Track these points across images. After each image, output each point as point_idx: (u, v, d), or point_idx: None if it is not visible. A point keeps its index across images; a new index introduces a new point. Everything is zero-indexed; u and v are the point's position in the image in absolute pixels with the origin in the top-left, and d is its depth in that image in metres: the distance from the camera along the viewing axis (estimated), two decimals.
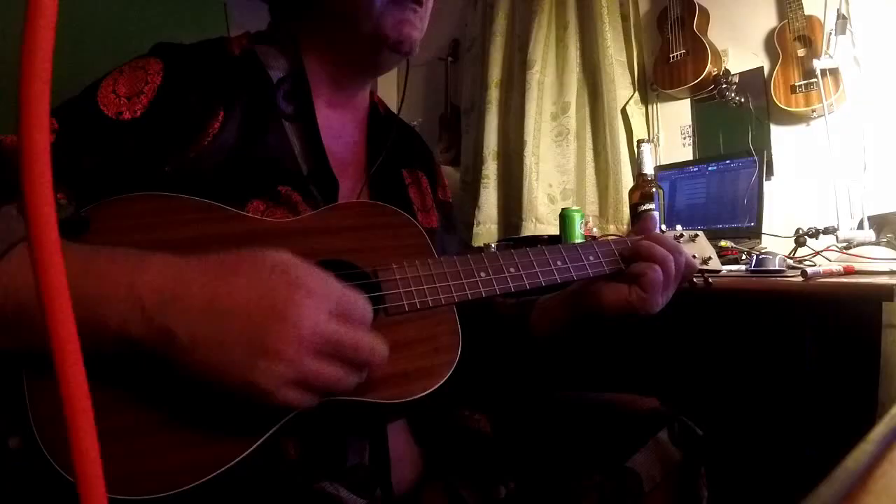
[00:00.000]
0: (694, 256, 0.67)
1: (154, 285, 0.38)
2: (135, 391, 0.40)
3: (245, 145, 0.57)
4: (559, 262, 0.59)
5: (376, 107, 0.75)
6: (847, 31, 1.37)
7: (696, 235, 0.71)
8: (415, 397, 0.47)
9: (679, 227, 0.72)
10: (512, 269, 0.56)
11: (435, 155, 0.90)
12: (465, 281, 0.53)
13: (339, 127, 0.67)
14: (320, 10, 0.63)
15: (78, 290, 0.38)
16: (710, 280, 0.69)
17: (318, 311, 0.39)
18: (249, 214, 0.52)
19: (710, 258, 0.69)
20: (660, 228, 1.18)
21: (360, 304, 0.42)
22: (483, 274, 0.54)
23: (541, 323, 0.69)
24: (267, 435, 0.41)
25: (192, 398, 0.40)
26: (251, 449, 0.40)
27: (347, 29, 0.62)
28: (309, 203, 0.58)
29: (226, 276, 0.39)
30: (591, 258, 0.61)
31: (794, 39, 1.50)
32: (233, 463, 0.40)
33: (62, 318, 0.13)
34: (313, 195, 0.59)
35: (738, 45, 1.67)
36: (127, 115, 0.53)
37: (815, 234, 1.14)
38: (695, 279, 0.67)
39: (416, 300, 0.50)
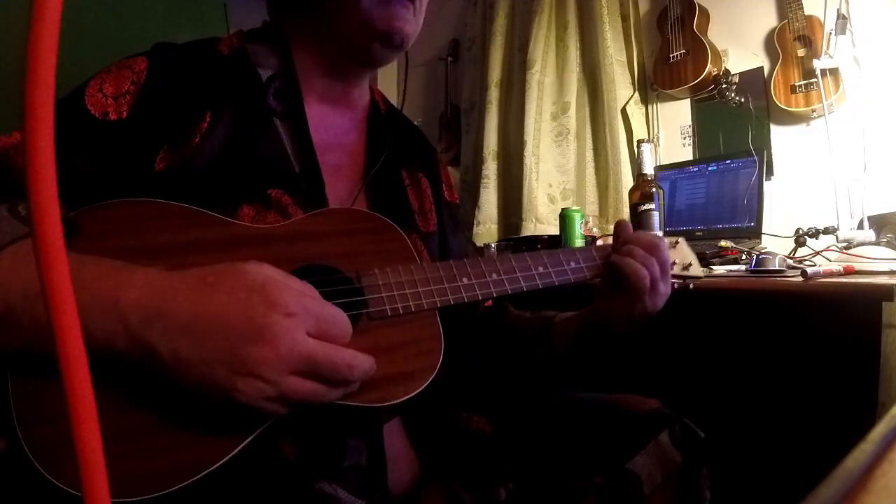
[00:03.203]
0: (674, 263, 0.68)
1: (138, 303, 0.39)
2: (119, 396, 0.40)
3: (234, 147, 0.57)
4: (541, 268, 0.61)
5: (377, 105, 0.74)
6: (847, 31, 1.37)
7: (677, 242, 0.72)
8: (395, 402, 0.47)
9: (660, 233, 0.73)
10: (494, 275, 0.57)
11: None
12: (447, 286, 0.54)
13: (334, 125, 0.67)
14: (311, 11, 0.63)
15: None
16: (692, 286, 0.70)
17: (296, 331, 0.39)
18: (234, 220, 0.52)
19: (690, 264, 0.70)
20: (658, 230, 1.18)
21: (339, 320, 0.42)
22: (465, 279, 0.55)
23: (560, 345, 0.70)
24: (249, 440, 0.42)
25: (176, 404, 0.41)
26: (234, 452, 0.41)
27: (337, 21, 0.62)
28: (299, 205, 0.57)
29: (206, 292, 0.40)
30: (573, 263, 0.63)
31: (794, 39, 1.50)
32: (216, 465, 0.40)
33: (67, 319, 0.13)
34: (305, 195, 0.59)
35: (738, 45, 1.67)
36: (113, 116, 0.53)
37: (815, 234, 1.14)
38: (675, 285, 0.68)
39: (399, 305, 0.51)
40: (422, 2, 0.64)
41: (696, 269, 0.70)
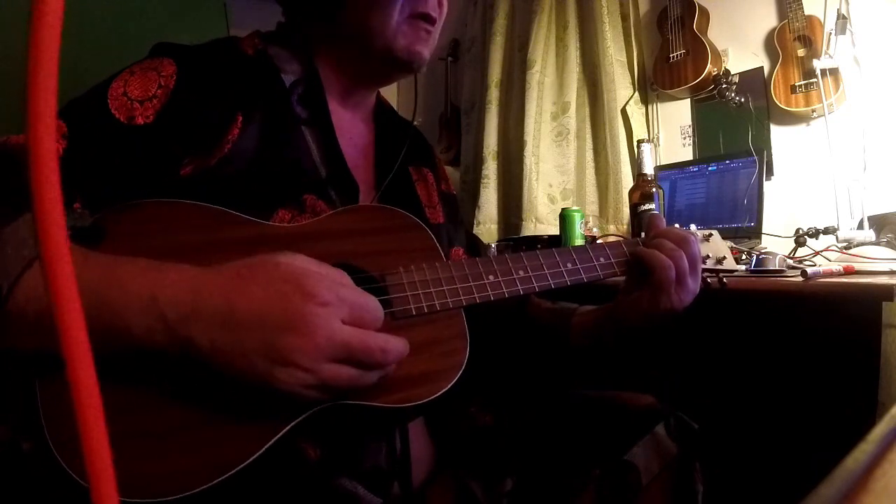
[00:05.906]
0: (708, 256, 0.67)
1: (175, 299, 0.40)
2: (149, 395, 0.41)
3: (267, 151, 0.57)
4: (569, 265, 0.59)
5: (381, 105, 0.75)
6: (847, 31, 1.37)
7: (710, 235, 0.70)
8: (420, 402, 0.47)
9: (693, 227, 0.71)
10: (521, 272, 0.56)
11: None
12: (472, 284, 0.53)
13: (350, 129, 0.68)
14: (334, 26, 0.63)
15: (101, 296, 0.39)
16: (725, 280, 0.68)
17: (331, 320, 0.40)
18: (258, 220, 0.52)
19: (724, 258, 0.68)
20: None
21: (371, 307, 0.43)
22: (491, 277, 0.54)
23: (578, 338, 0.69)
24: (276, 438, 0.42)
25: (207, 401, 0.41)
26: (262, 450, 0.41)
27: (359, 47, 0.63)
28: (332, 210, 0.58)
29: (242, 286, 0.41)
30: (602, 259, 0.61)
31: (794, 39, 1.50)
32: (245, 464, 0.40)
33: (73, 322, 0.13)
34: (333, 200, 0.59)
35: (738, 45, 1.67)
36: (139, 120, 0.52)
37: (815, 234, 1.14)
38: (709, 279, 0.66)
39: (424, 304, 0.51)
40: (438, 26, 0.66)
41: (731, 263, 0.68)
